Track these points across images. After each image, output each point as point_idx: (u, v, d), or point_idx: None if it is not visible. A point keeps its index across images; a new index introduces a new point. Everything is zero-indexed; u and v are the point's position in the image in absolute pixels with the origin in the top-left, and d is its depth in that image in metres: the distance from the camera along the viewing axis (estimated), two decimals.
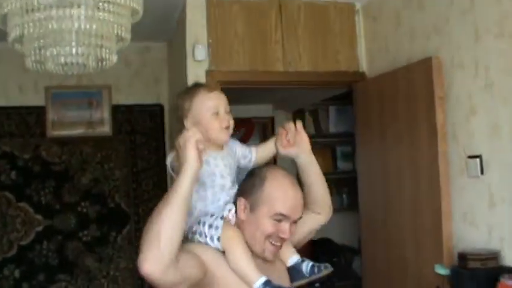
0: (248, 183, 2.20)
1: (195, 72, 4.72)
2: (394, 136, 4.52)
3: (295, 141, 2.40)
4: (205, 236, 2.09)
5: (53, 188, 5.83)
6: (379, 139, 4.71)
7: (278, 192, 2.13)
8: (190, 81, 4.72)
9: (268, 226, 2.10)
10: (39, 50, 2.58)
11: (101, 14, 2.45)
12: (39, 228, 5.76)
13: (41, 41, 2.55)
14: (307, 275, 2.20)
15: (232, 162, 2.28)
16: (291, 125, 2.41)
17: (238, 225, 2.14)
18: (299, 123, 2.43)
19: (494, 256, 3.54)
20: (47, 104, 5.87)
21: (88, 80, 5.79)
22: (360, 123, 5.08)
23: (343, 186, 7.31)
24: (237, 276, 2.04)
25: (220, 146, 2.26)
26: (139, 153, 6.16)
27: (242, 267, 2.03)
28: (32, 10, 2.38)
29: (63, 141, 5.90)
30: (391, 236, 4.49)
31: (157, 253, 1.79)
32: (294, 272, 2.24)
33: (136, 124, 6.17)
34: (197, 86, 2.34)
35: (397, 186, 4.45)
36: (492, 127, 3.67)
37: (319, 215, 2.50)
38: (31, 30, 2.42)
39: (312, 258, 2.30)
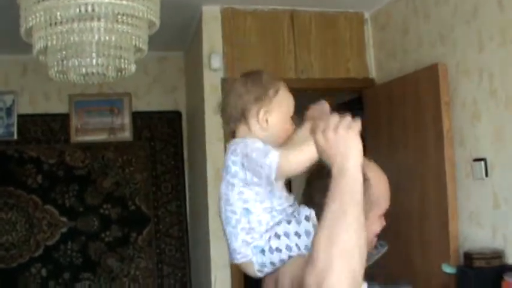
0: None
1: (211, 80, 4.84)
2: (402, 140, 4.60)
3: None
4: (299, 248, 1.67)
5: (76, 191, 5.98)
6: (388, 143, 4.77)
7: (383, 188, 1.80)
8: (207, 89, 4.85)
9: (377, 225, 1.80)
10: (62, 61, 2.67)
11: (119, 26, 2.54)
12: (64, 230, 5.92)
13: (64, 52, 2.64)
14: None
15: None
16: None
17: None
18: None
19: (499, 255, 3.61)
20: (70, 111, 6.02)
21: (109, 88, 5.92)
22: (369, 128, 5.08)
23: None
24: None
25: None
26: (158, 158, 6.28)
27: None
28: (55, 23, 2.47)
29: (86, 147, 6.05)
30: (400, 237, 4.50)
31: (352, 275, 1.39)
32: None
33: (155, 130, 6.30)
34: (274, 77, 1.87)
35: (405, 188, 4.47)
36: (496, 131, 3.75)
37: None
38: (54, 42, 2.51)
39: None
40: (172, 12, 4.11)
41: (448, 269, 3.89)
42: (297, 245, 1.67)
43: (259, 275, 1.76)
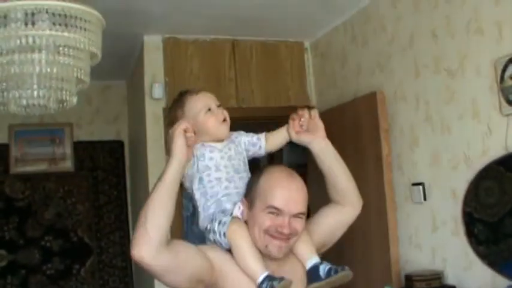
0: (249, 181, 2.11)
1: (153, 109, 4.86)
2: None
3: (308, 128, 2.26)
4: (215, 233, 2.01)
5: (16, 223, 5.85)
6: None
7: (271, 185, 2.00)
8: (149, 118, 4.85)
9: (264, 220, 1.97)
10: (2, 92, 2.61)
11: (61, 58, 2.50)
12: (3, 263, 5.77)
13: (4, 84, 2.58)
14: (323, 278, 2.01)
15: (232, 153, 2.18)
16: (304, 111, 2.27)
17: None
18: (314, 111, 2.29)
19: (438, 276, 3.69)
20: (10, 141, 5.93)
21: (50, 118, 5.82)
22: (311, 155, 5.15)
23: None
24: (243, 272, 1.95)
25: (220, 139, 2.18)
26: (100, 188, 6.23)
27: (245, 260, 1.95)
28: None
29: (26, 178, 5.94)
30: (343, 260, 4.54)
31: (145, 238, 1.77)
32: (311, 274, 2.05)
33: (97, 160, 6.25)
34: (182, 93, 2.27)
35: None
36: (433, 156, 3.86)
37: (345, 208, 2.33)
38: None
39: None
40: (114, 41, 4.11)
41: None
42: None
43: None
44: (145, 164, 4.90)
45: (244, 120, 5.28)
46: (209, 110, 2.17)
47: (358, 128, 4.48)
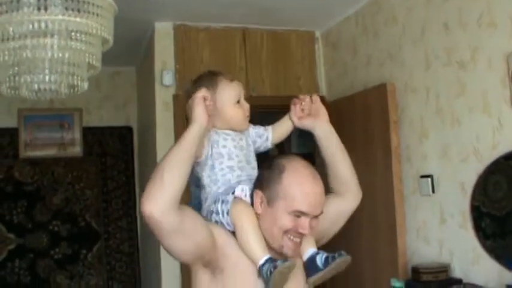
0: (265, 175, 2.02)
1: (163, 96, 4.86)
2: (351, 156, 4.52)
3: (310, 112, 2.27)
4: (218, 213, 2.00)
5: (25, 207, 5.90)
6: None
7: (297, 188, 1.94)
8: (159, 105, 4.86)
9: (286, 222, 1.93)
10: (14, 77, 2.61)
11: (73, 43, 2.49)
12: (12, 247, 5.82)
13: (16, 68, 2.58)
14: (322, 267, 1.98)
15: (244, 144, 2.15)
16: (305, 96, 2.29)
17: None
18: (315, 96, 2.31)
19: (445, 269, 3.69)
20: (19, 125, 5.96)
21: (60, 103, 5.88)
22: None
23: None
24: (245, 254, 1.94)
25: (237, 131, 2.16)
26: (109, 173, 6.26)
27: (248, 242, 1.93)
28: (7, 39, 2.42)
29: (35, 162, 5.98)
30: (350, 251, 4.54)
31: (160, 192, 1.76)
32: (309, 266, 2.02)
33: (106, 146, 6.28)
34: (216, 74, 2.19)
35: None
36: (442, 149, 3.85)
37: (345, 198, 2.31)
38: (6, 58, 2.46)
39: None
40: (125, 27, 4.10)
41: (397, 283, 3.91)
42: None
43: None
44: (154, 150, 4.91)
45: (255, 109, 5.31)
46: (238, 101, 2.15)
47: (367, 119, 4.48)
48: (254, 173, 2.13)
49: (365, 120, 4.50)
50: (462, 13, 3.64)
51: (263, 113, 5.91)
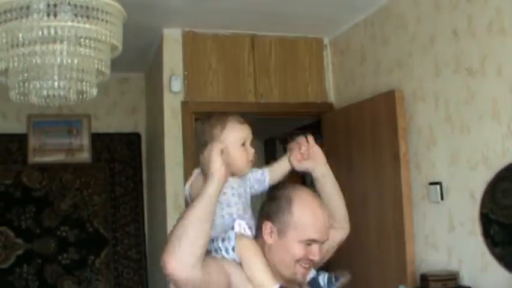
0: (273, 206, 2.09)
1: (171, 103, 4.86)
2: (359, 163, 4.66)
3: (309, 155, 2.33)
4: (221, 250, 2.00)
5: (33, 212, 5.89)
6: (346, 166, 4.81)
7: (308, 217, 2.03)
8: (167, 111, 4.86)
9: (299, 251, 2.01)
10: (23, 83, 2.63)
11: (82, 49, 2.52)
12: (20, 252, 5.80)
13: (25, 74, 2.60)
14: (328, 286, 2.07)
15: (242, 190, 2.17)
16: (302, 139, 2.34)
17: (264, 249, 2.05)
18: (310, 137, 2.36)
19: (454, 277, 3.68)
20: (28, 131, 5.96)
21: (68, 109, 5.85)
22: (328, 151, 5.11)
23: None
24: (252, 285, 1.95)
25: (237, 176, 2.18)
26: (117, 179, 6.26)
27: (258, 274, 1.95)
28: (17, 45, 2.44)
29: (43, 168, 5.98)
30: (357, 258, 4.54)
31: (183, 254, 1.76)
32: (313, 287, 2.10)
33: (114, 152, 6.28)
34: (227, 114, 2.22)
35: (363, 210, 4.53)
36: (451, 156, 3.84)
37: (337, 231, 2.38)
38: (16, 64, 2.48)
39: None
40: (133, 33, 4.12)
41: None
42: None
43: None
44: (162, 157, 4.92)
45: (263, 116, 5.34)
46: (243, 144, 2.17)
47: (376, 126, 4.46)
48: (252, 222, 2.14)
49: (373, 127, 4.49)
50: (472, 20, 3.63)
51: (271, 119, 5.97)
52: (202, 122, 2.26)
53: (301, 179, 4.85)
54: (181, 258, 1.76)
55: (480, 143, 3.57)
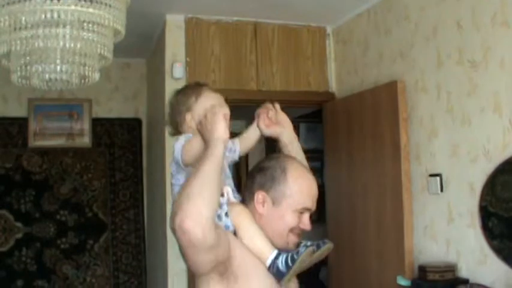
0: (267, 176, 2.07)
1: (173, 89, 4.79)
2: (360, 153, 4.67)
3: (277, 120, 2.36)
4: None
5: (33, 196, 5.90)
6: (346, 156, 4.83)
7: (303, 186, 2.05)
8: (168, 97, 4.85)
9: (292, 219, 2.02)
10: (25, 66, 2.63)
11: (85, 33, 2.52)
12: (19, 235, 5.82)
13: (27, 58, 2.60)
14: (285, 271, 1.94)
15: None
16: (269, 104, 2.37)
17: (255, 218, 2.05)
18: (277, 104, 2.39)
19: (452, 268, 3.69)
20: (29, 115, 5.96)
21: (70, 94, 5.88)
22: (329, 141, 5.19)
23: None
24: (251, 252, 1.97)
25: None
26: (117, 164, 6.26)
27: (255, 240, 1.98)
28: (20, 28, 2.44)
29: (44, 152, 5.98)
30: (357, 248, 4.59)
31: (200, 212, 1.73)
32: (275, 272, 1.97)
33: (115, 137, 6.28)
34: (200, 85, 2.33)
35: (362, 200, 4.58)
36: (451, 148, 3.84)
37: None
38: (18, 47, 2.47)
39: None
40: (136, 19, 4.09)
41: (403, 281, 3.96)
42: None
43: None
44: (162, 143, 4.91)
45: (264, 103, 5.31)
46: None
47: (377, 116, 4.47)
48: (233, 185, 2.19)
49: (374, 117, 4.49)
50: (475, 12, 3.62)
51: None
52: (176, 94, 2.39)
53: None
54: (197, 216, 1.72)
55: (481, 136, 3.57)
